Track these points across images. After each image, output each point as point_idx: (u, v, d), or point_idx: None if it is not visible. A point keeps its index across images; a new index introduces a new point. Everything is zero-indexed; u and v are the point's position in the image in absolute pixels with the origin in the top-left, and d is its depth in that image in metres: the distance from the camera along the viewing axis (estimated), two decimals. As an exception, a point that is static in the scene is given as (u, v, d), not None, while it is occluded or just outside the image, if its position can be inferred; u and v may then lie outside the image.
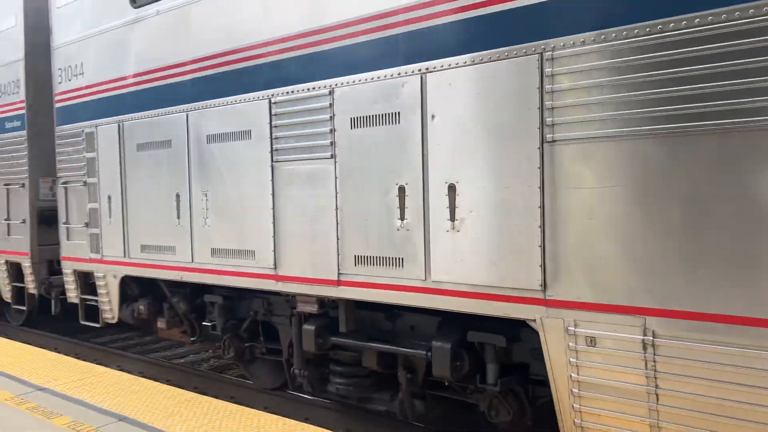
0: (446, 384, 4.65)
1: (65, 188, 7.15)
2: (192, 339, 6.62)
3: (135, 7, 6.17)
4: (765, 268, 3.02)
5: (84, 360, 6.91)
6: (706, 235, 3.17)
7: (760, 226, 3.02)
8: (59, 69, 7.13)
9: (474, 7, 3.90)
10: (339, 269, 4.68)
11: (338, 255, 4.66)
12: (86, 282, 7.19)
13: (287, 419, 4.48)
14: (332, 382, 5.35)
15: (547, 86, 3.64)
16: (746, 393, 3.10)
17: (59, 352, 7.23)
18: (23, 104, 7.87)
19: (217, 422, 4.39)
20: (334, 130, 4.64)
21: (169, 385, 5.66)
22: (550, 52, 3.61)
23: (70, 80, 6.99)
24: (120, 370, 6.71)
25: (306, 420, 5.50)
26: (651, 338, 3.38)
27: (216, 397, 5.36)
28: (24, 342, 7.91)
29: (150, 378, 6.11)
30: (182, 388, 5.55)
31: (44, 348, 7.52)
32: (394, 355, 4.81)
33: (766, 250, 3.01)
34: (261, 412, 4.65)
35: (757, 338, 3.06)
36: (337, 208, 4.65)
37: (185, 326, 6.58)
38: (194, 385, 6.79)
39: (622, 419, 3.53)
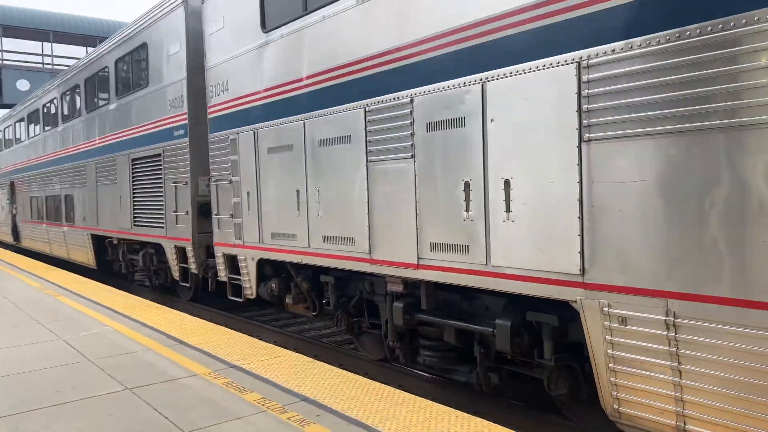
0: (509, 358, 5.19)
1: (216, 185, 8.60)
2: (313, 313, 7.69)
3: (265, 32, 7.33)
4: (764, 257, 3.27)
5: (265, 341, 7.53)
6: (718, 226, 3.46)
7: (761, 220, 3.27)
8: (211, 86, 8.58)
9: (521, 24, 4.41)
10: (418, 254, 5.40)
11: (417, 242, 5.39)
12: (233, 264, 8.58)
13: (458, 411, 4.43)
14: (421, 354, 6.09)
15: (584, 91, 4.06)
16: (754, 371, 3.35)
17: (243, 333, 8.04)
18: (186, 116, 9.51)
19: (390, 409, 4.45)
20: (414, 134, 5.35)
21: (342, 369, 5.83)
22: (586, 61, 4.03)
23: (218, 95, 8.40)
24: (297, 352, 7.05)
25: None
26: (672, 319, 3.71)
27: (385, 383, 5.53)
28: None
29: (324, 361, 6.39)
30: (355, 373, 5.73)
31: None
32: (470, 331, 5.43)
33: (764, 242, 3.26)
34: (431, 402, 4.65)
35: (759, 319, 3.30)
36: (416, 202, 5.37)
37: (308, 303, 7.67)
38: (365, 371, 7.11)
39: (652, 393, 3.88)
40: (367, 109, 5.86)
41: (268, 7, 7.31)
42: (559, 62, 4.20)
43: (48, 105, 17.42)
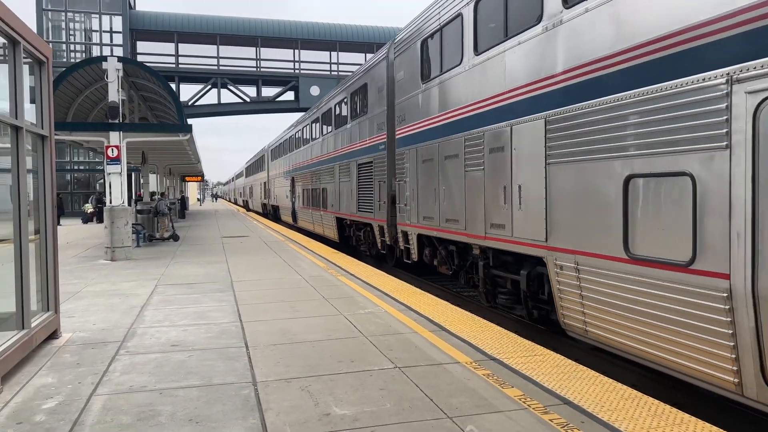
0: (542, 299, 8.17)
1: (398, 184, 12.62)
2: (450, 272, 11.18)
3: (423, 83, 11.04)
4: (611, 230, 6.05)
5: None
6: (592, 214, 6.27)
7: (606, 209, 6.06)
8: (397, 116, 12.65)
9: (522, 94, 7.47)
10: (485, 230, 8.65)
11: (484, 222, 8.64)
12: (406, 237, 12.45)
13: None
14: (498, 298, 9.24)
15: (548, 134, 7.01)
16: (614, 296, 6.11)
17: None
18: (385, 136, 13.77)
19: (667, 428, 3.99)
20: (484, 154, 8.61)
21: (608, 377, 5.31)
22: (549, 118, 6.98)
23: (400, 123, 12.39)
24: (556, 352, 6.87)
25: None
26: (577, 266, 6.54)
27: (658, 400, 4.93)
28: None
29: (588, 366, 6.12)
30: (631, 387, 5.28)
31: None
32: (515, 280, 8.47)
33: (607, 222, 6.08)
34: (715, 428, 4.05)
35: (614, 266, 6.09)
36: (484, 196, 8.63)
37: (447, 265, 11.16)
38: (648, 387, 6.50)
39: (574, 311, 6.72)
40: (465, 138, 9.24)
41: (424, 67, 11.06)
42: (537, 118, 7.18)
43: (313, 122, 23.75)
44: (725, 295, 4.70)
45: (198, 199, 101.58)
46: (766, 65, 4.32)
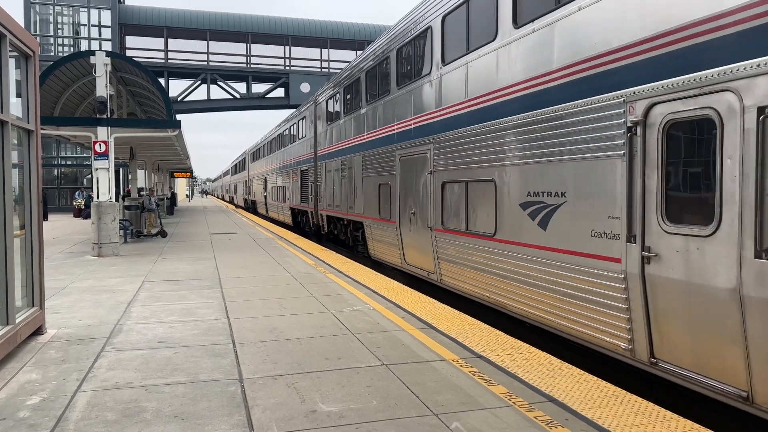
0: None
1: (319, 183, 19.88)
2: (344, 237, 17.51)
3: (328, 125, 18.33)
4: (376, 206, 13.69)
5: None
6: (373, 199, 13.70)
7: (375, 197, 13.65)
8: (318, 141, 19.86)
9: (356, 142, 15.20)
10: (347, 210, 16.00)
11: (347, 206, 15.98)
12: (323, 218, 19.29)
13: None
14: (358, 247, 16.10)
15: (363, 162, 14.28)
16: (385, 235, 13.53)
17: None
18: (313, 154, 20.76)
19: (649, 425, 4.02)
20: (347, 170, 16.06)
21: (593, 375, 5.44)
22: (363, 154, 14.38)
23: (319, 145, 19.63)
24: (541, 350, 6.72)
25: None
26: (370, 224, 14.02)
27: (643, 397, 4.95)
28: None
29: (573, 364, 6.15)
30: (616, 385, 5.40)
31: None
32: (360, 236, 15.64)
33: (376, 202, 13.78)
34: (698, 425, 4.06)
35: (388, 224, 13.58)
36: (349, 193, 16.02)
37: (342, 234, 17.63)
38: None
39: (371, 246, 14.18)
40: (341, 159, 16.53)
41: (328, 115, 18.10)
42: (360, 154, 14.56)
43: (274, 139, 31.00)
44: (396, 229, 11.94)
45: (187, 196, 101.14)
46: (401, 146, 11.61)
